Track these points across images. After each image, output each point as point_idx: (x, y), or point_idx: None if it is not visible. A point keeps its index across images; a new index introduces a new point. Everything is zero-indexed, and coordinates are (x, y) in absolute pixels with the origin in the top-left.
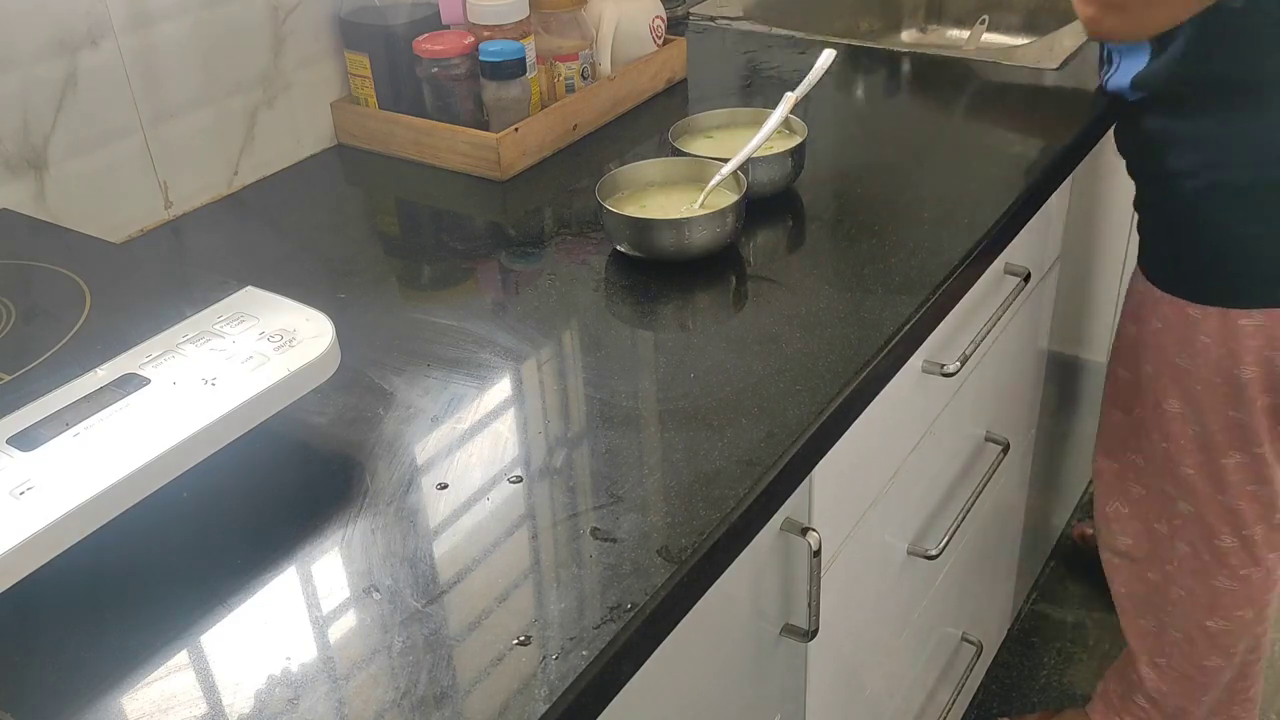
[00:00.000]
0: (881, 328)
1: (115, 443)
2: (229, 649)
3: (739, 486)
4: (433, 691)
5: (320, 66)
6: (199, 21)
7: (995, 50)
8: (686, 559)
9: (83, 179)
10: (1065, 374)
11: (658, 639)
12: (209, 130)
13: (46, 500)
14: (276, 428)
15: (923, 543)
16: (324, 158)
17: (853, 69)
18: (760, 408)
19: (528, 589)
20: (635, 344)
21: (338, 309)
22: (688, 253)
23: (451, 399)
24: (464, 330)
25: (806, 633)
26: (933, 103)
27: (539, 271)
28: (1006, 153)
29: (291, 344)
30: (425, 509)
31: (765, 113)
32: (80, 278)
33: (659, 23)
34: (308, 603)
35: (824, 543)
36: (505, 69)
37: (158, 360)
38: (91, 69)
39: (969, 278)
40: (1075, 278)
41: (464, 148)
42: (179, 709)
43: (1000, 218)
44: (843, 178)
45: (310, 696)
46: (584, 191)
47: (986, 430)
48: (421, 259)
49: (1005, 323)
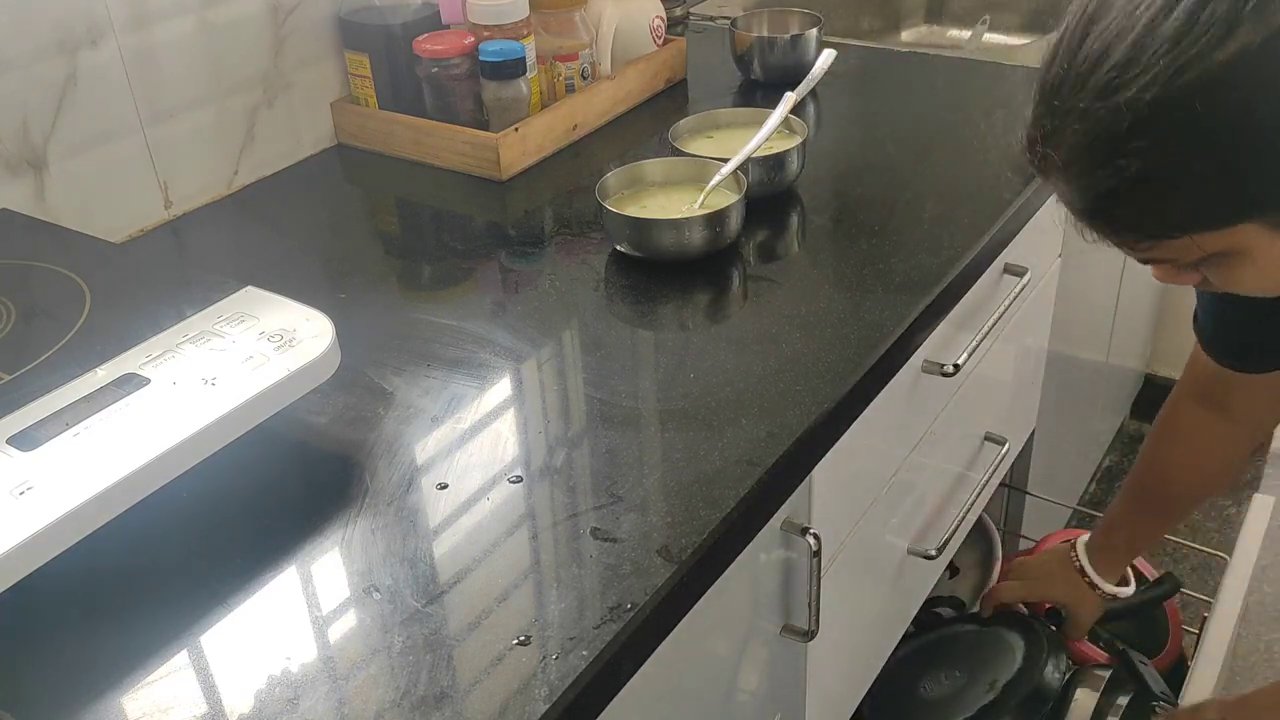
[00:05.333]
0: (881, 328)
1: (115, 443)
2: (229, 649)
3: (739, 486)
4: (433, 691)
5: (320, 66)
6: (199, 21)
7: (995, 50)
8: (686, 559)
9: (83, 179)
10: (1065, 374)
11: (658, 639)
12: (209, 130)
13: (46, 500)
14: (276, 428)
15: (923, 543)
16: (324, 158)
17: (853, 69)
18: (760, 408)
19: (528, 589)
20: (635, 344)
21: (338, 309)
22: (688, 253)
23: (451, 399)
24: (464, 330)
25: (806, 633)
26: (933, 103)
27: (539, 271)
28: (1006, 153)
29: (291, 344)
30: (425, 509)
31: (765, 113)
32: (80, 278)
33: (659, 23)
34: (308, 603)
35: (824, 543)
36: (505, 69)
37: (158, 360)
38: (91, 69)
39: (969, 278)
40: (1075, 278)
41: (464, 148)
42: (179, 709)
43: (1000, 218)
44: (843, 178)
45: (310, 696)
46: (584, 191)
47: (986, 430)
48: (421, 259)
49: (1005, 323)
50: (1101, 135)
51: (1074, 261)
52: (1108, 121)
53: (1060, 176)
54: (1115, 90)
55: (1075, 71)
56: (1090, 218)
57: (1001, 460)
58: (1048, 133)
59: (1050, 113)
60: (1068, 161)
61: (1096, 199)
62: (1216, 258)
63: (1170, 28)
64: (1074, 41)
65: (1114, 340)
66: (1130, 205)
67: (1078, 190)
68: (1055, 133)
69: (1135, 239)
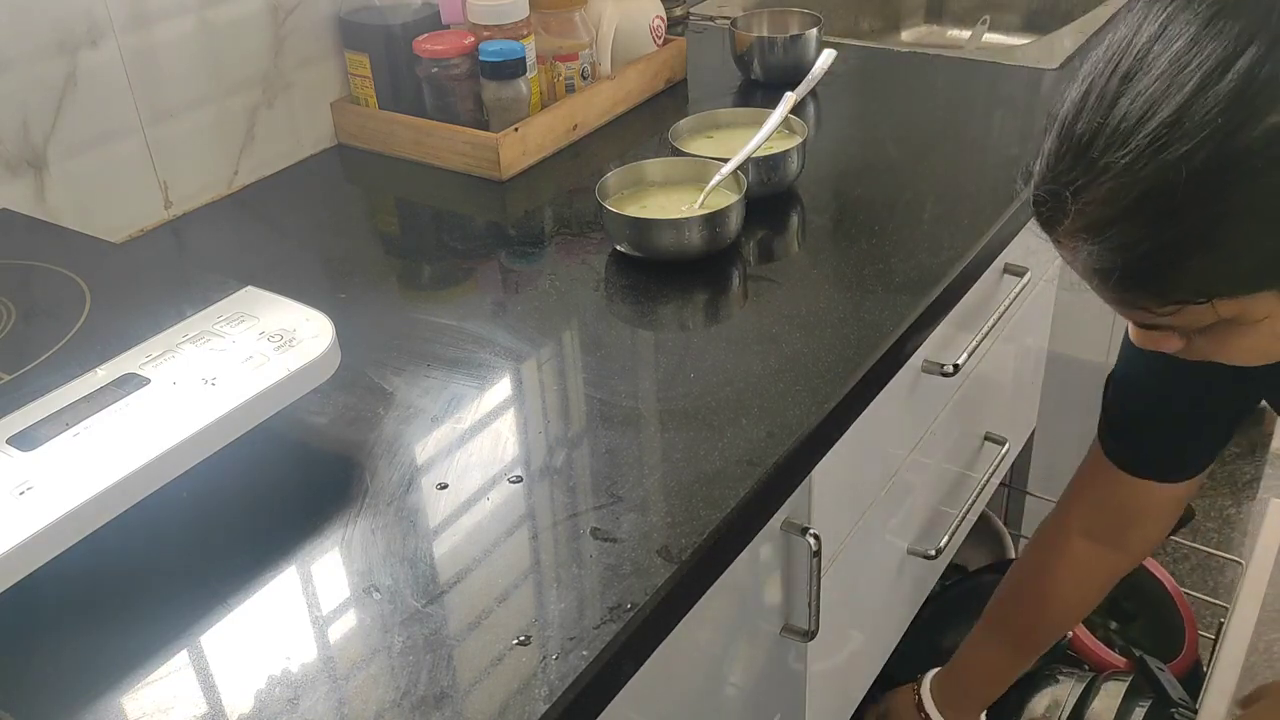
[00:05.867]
0: (881, 328)
1: (115, 443)
2: (229, 649)
3: (739, 486)
4: (433, 691)
5: (320, 66)
6: (199, 21)
7: (995, 50)
8: (686, 559)
9: (83, 179)
10: (1065, 374)
11: (658, 639)
12: (209, 130)
13: (46, 500)
14: (276, 428)
15: (923, 543)
16: (324, 158)
17: (853, 69)
18: (760, 408)
19: (528, 589)
20: (635, 344)
21: (338, 309)
22: (688, 253)
23: (451, 399)
24: (464, 330)
25: (806, 633)
26: (933, 103)
27: (539, 271)
28: (1006, 153)
29: (291, 344)
30: (425, 509)
31: (765, 113)
32: (80, 278)
33: (659, 23)
34: (308, 603)
35: (824, 543)
36: (505, 69)
37: (158, 360)
38: (91, 69)
39: (969, 278)
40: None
41: (464, 148)
42: (179, 709)
43: (1000, 218)
44: (843, 178)
45: (310, 696)
46: (584, 191)
47: (986, 430)
48: (421, 259)
49: (1005, 323)
50: (1149, 193)
51: None
52: (1154, 179)
53: (1084, 234)
54: (1164, 148)
55: (1113, 127)
56: (1112, 279)
57: (1001, 460)
58: (1078, 188)
59: (1082, 167)
60: (1101, 220)
61: (1128, 259)
62: (1222, 324)
63: (1226, 87)
64: (1107, 96)
65: (1114, 340)
66: (1163, 267)
67: (1106, 249)
68: (1087, 189)
69: (1157, 303)
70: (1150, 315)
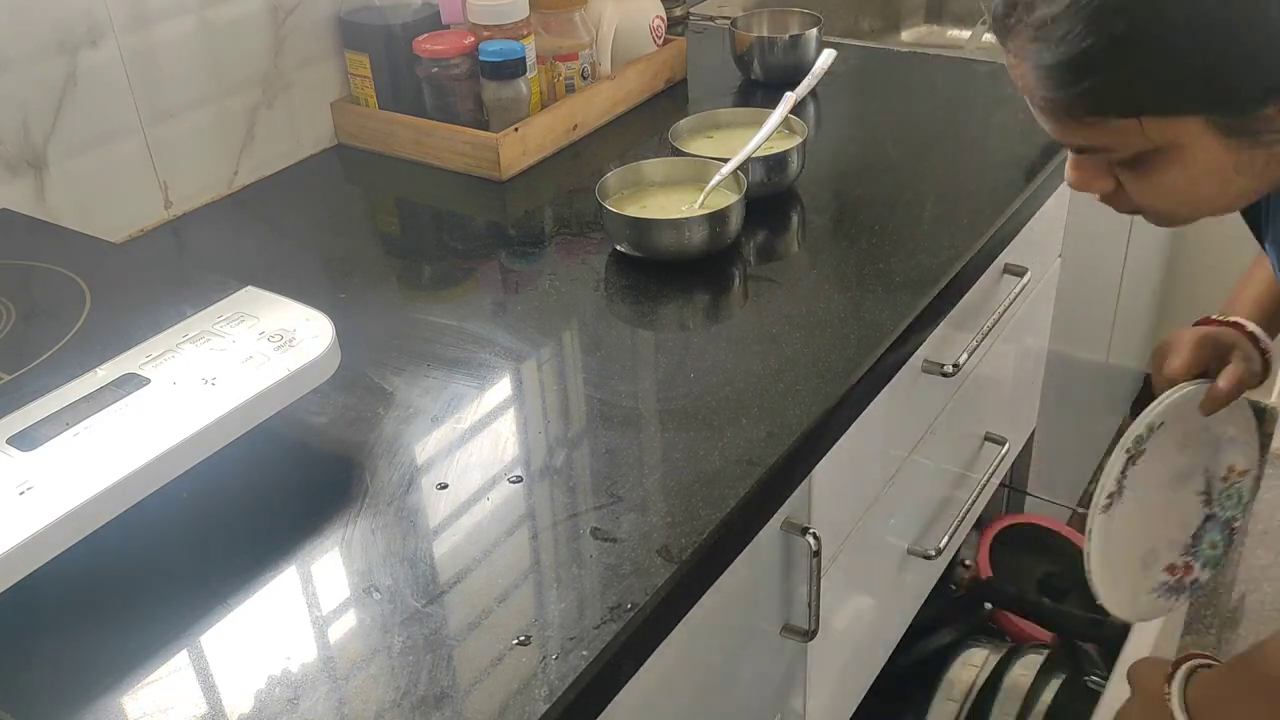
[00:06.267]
0: (881, 328)
1: (115, 443)
2: (229, 649)
3: (739, 486)
4: (433, 691)
5: (320, 66)
6: (199, 21)
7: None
8: (686, 559)
9: (83, 179)
10: (1065, 374)
11: (658, 639)
12: (209, 130)
13: (46, 500)
14: (276, 428)
15: (923, 543)
16: (324, 158)
17: (853, 69)
18: (760, 408)
19: (528, 589)
20: (635, 344)
21: (338, 309)
22: (688, 253)
23: (451, 399)
24: (464, 330)
25: (806, 633)
26: (933, 103)
27: (539, 271)
28: (1006, 153)
29: (291, 344)
30: (425, 509)
31: (765, 113)
32: (80, 278)
33: (659, 23)
34: (308, 603)
35: (824, 543)
36: (505, 69)
37: (158, 360)
38: (91, 69)
39: (969, 278)
40: (1075, 278)
41: (464, 148)
42: (179, 709)
43: (1000, 218)
44: (843, 178)
45: (310, 696)
46: (584, 191)
47: (986, 430)
48: (421, 259)
49: (1005, 323)
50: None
51: (1074, 261)
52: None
53: (1033, 34)
54: None
55: None
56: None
57: (1001, 460)
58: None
59: None
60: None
61: (1070, 59)
62: (1149, 155)
63: None
64: None
65: (1114, 340)
66: (1100, 71)
67: (1052, 48)
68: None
69: (1088, 112)
70: (1083, 132)
